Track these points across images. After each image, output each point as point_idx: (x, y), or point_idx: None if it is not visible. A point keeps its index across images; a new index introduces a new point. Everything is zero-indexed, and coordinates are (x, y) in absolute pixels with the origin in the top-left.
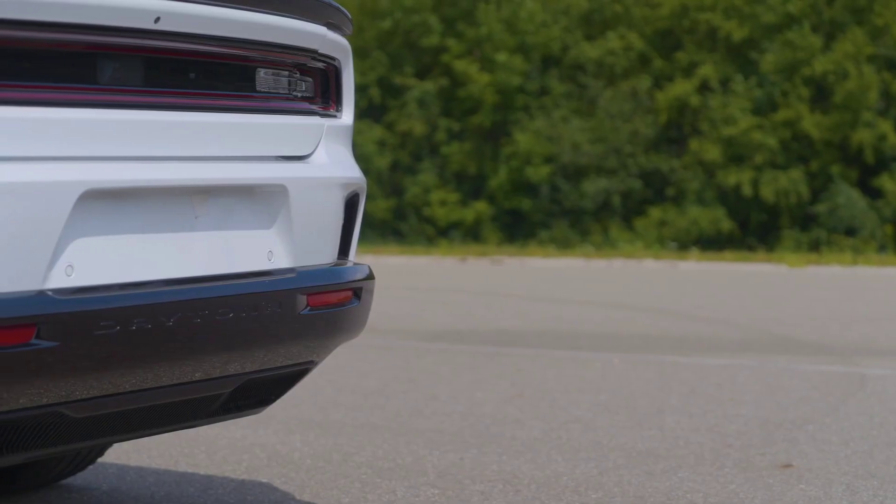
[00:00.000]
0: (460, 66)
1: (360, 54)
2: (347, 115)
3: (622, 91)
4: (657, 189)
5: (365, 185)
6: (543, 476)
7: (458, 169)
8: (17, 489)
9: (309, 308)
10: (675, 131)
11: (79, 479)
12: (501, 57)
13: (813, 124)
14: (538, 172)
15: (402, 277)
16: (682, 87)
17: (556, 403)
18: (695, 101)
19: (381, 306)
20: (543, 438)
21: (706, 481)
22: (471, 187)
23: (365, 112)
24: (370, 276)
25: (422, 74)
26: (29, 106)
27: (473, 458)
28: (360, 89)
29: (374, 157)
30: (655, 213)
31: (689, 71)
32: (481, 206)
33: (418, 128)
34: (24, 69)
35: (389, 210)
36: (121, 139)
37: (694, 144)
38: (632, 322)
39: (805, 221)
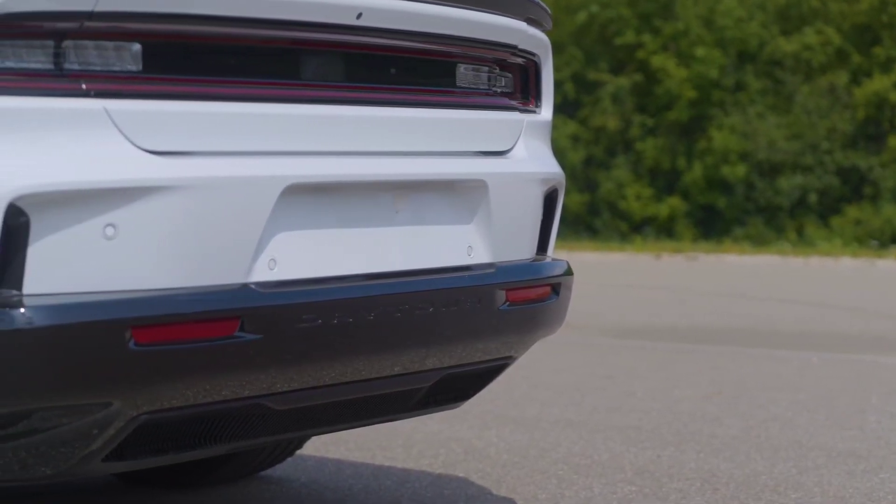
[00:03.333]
0: (658, 60)
1: (554, 49)
2: (546, 111)
3: (819, 87)
4: (854, 187)
5: (563, 181)
6: (742, 475)
7: (652, 165)
8: (218, 480)
9: (508, 303)
10: (873, 128)
11: (277, 470)
12: (701, 51)
13: None
14: (734, 172)
15: (597, 274)
16: (880, 83)
17: (754, 401)
18: (893, 96)
19: (576, 302)
20: (742, 437)
21: None
22: (664, 183)
23: (559, 107)
24: (568, 272)
25: (616, 70)
26: (235, 101)
27: (671, 456)
28: (555, 85)
29: (568, 152)
30: (852, 211)
31: (887, 66)
32: (675, 202)
33: (612, 123)
34: (229, 65)
35: (583, 205)
36: (323, 134)
37: (892, 141)
38: (829, 320)
39: None
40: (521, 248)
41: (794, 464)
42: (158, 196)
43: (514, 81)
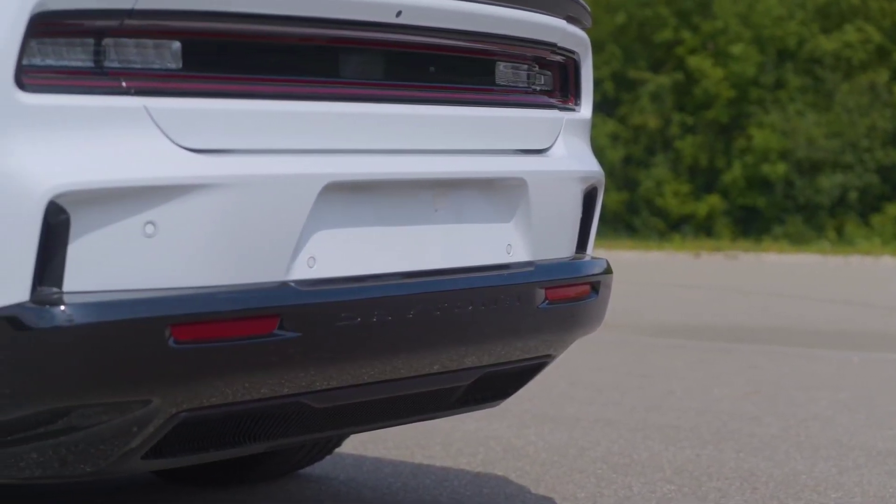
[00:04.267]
0: (694, 61)
1: (594, 48)
2: (586, 109)
3: (859, 85)
4: (895, 185)
5: (603, 179)
6: (781, 474)
7: (691, 163)
8: (257, 478)
9: (547, 302)
10: None
11: (317, 468)
12: (737, 49)
13: None
14: (775, 170)
15: (635, 272)
16: None
17: (794, 401)
18: None
19: (615, 301)
20: (781, 436)
21: None
22: (703, 181)
23: (598, 106)
24: (608, 271)
25: (655, 68)
26: (274, 99)
27: (710, 455)
28: (594, 83)
29: (607, 151)
30: (892, 209)
31: None
32: (714, 200)
33: (652, 122)
34: (268, 63)
35: (622, 203)
36: (362, 132)
37: None
38: (869, 319)
39: None
40: (561, 247)
41: (835, 463)
42: (198, 194)
43: (553, 79)
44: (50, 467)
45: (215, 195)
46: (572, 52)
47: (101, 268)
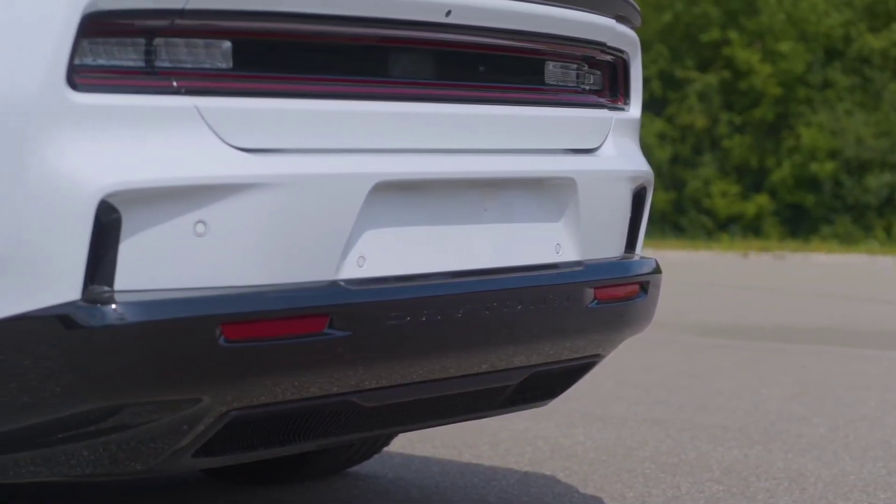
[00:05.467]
0: (742, 55)
1: (642, 47)
2: (635, 109)
3: None
4: None
5: (652, 179)
6: (830, 475)
7: (739, 162)
8: (306, 476)
9: (596, 301)
10: None
11: (365, 467)
12: (784, 46)
13: None
14: (823, 169)
15: (683, 272)
16: None
17: (842, 401)
18: None
19: (662, 301)
20: (829, 436)
21: None
22: (751, 181)
23: (645, 105)
24: (657, 270)
25: (703, 67)
26: (324, 99)
27: (758, 455)
28: (642, 82)
29: (655, 150)
30: None
31: None
32: (762, 200)
33: (700, 121)
34: (318, 63)
35: (669, 203)
36: (412, 132)
37: None
38: None
39: None
40: (610, 246)
41: (884, 464)
42: (248, 193)
43: (602, 79)
44: (101, 465)
45: (266, 194)
46: (622, 51)
47: (151, 267)
